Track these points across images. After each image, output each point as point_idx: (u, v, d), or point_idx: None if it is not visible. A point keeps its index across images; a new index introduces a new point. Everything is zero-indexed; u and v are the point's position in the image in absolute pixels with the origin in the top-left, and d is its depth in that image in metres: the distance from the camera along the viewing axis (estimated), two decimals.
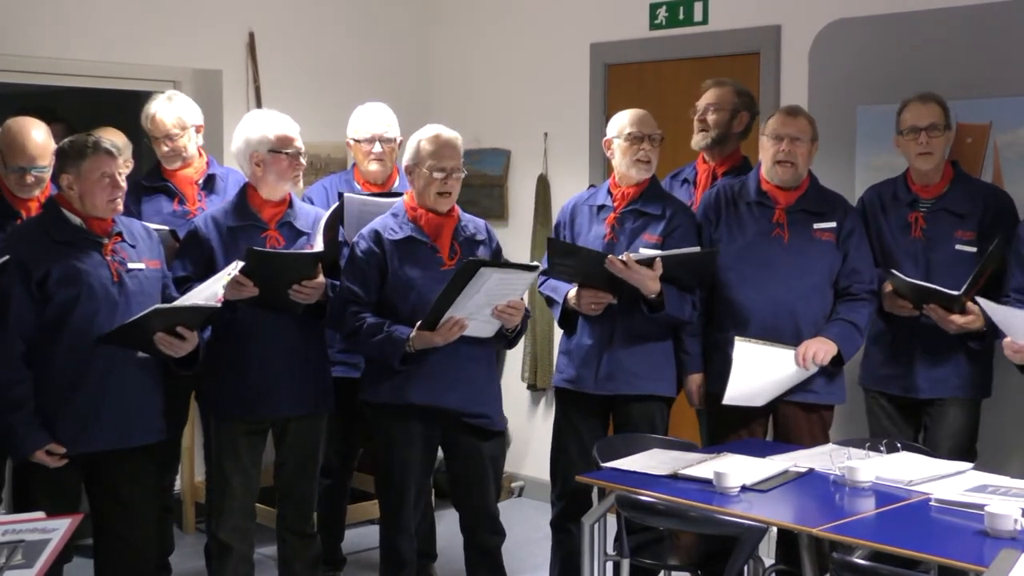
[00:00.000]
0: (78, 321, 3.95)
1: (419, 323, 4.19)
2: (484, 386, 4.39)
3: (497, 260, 4.24)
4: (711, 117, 4.95)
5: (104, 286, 3.99)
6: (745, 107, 5.00)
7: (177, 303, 4.08)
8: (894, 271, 4.43)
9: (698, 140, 4.99)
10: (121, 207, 4.08)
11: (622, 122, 4.64)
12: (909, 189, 4.61)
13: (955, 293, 4.30)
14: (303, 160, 4.42)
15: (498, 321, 4.27)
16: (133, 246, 4.11)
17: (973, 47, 5.02)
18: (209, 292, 4.10)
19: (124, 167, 4.22)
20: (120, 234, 4.09)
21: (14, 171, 4.45)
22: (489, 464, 4.46)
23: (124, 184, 4.05)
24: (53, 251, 3.96)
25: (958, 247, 4.47)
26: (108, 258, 4.02)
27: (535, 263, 4.28)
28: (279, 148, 4.36)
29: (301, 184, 4.54)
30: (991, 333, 4.37)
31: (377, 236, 4.33)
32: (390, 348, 4.22)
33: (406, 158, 4.39)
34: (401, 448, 4.37)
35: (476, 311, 4.18)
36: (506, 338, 4.41)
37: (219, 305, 4.05)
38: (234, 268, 4.12)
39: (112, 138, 4.31)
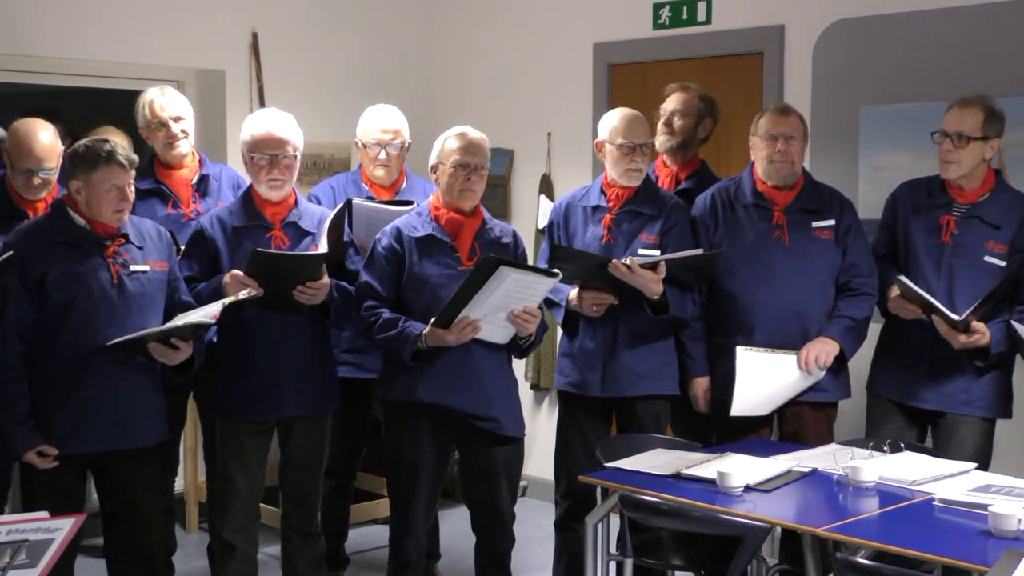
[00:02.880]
0: (75, 322, 3.95)
1: (434, 319, 4.18)
2: (494, 389, 4.34)
3: (517, 261, 4.23)
4: (677, 122, 4.94)
5: (103, 288, 3.98)
6: (708, 113, 5.00)
7: (170, 324, 4.05)
8: (901, 277, 4.34)
9: (662, 142, 4.98)
10: (126, 217, 4.06)
11: (613, 128, 4.60)
12: (945, 191, 4.44)
13: (956, 318, 4.22)
14: (286, 163, 4.33)
15: (512, 328, 4.25)
16: (140, 247, 4.10)
17: (977, 47, 5.02)
18: (208, 310, 4.08)
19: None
20: (125, 235, 4.07)
21: (21, 173, 4.45)
22: (501, 468, 4.40)
23: (131, 195, 4.03)
24: (53, 252, 3.96)
25: (987, 258, 4.32)
26: (109, 260, 4.02)
27: (555, 270, 4.24)
28: (252, 151, 4.35)
29: (286, 189, 4.40)
30: (1003, 354, 4.32)
31: (398, 233, 4.34)
32: (402, 343, 4.20)
33: (431, 157, 4.38)
34: (411, 447, 4.36)
35: (491, 313, 4.16)
36: (519, 347, 4.39)
37: (213, 322, 4.04)
38: (245, 295, 4.12)
39: (116, 139, 4.26)
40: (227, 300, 4.10)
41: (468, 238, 4.35)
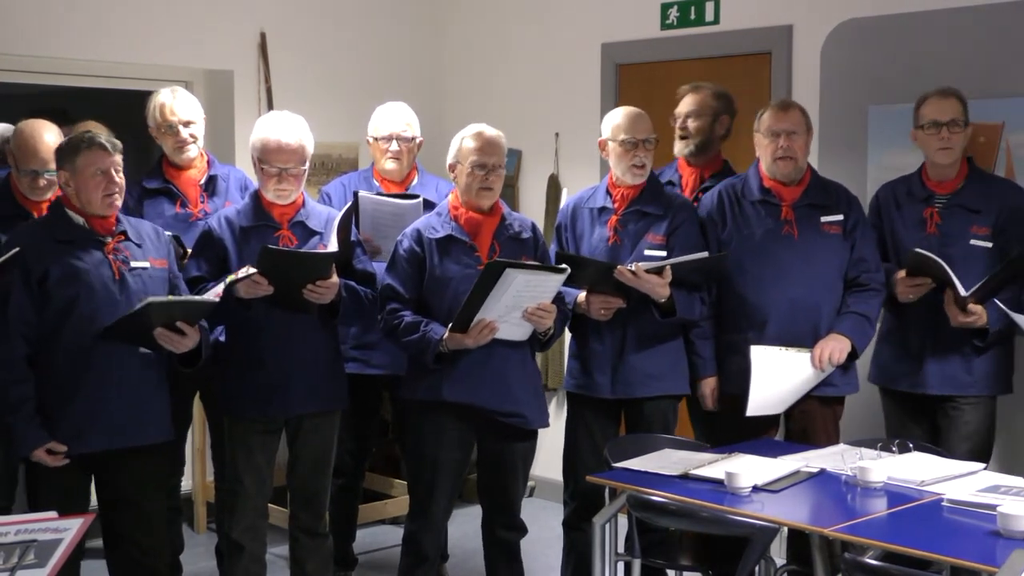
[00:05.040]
0: (78, 320, 3.94)
1: (451, 324, 4.20)
2: (518, 385, 4.37)
3: (523, 262, 4.24)
4: (692, 124, 4.91)
5: (104, 284, 3.98)
6: (725, 110, 4.96)
7: (172, 297, 4.06)
8: (917, 249, 4.37)
9: (680, 148, 4.96)
10: (119, 203, 4.05)
11: (615, 125, 4.62)
12: (924, 185, 4.58)
13: (964, 293, 4.28)
14: (295, 174, 4.33)
15: (530, 325, 4.26)
16: (139, 245, 4.11)
17: (985, 47, 5.01)
18: (213, 291, 4.11)
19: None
20: (124, 233, 4.08)
21: (27, 174, 4.46)
22: (520, 462, 4.46)
23: (120, 180, 4.02)
24: (54, 250, 3.96)
25: (973, 242, 4.45)
26: (110, 256, 4.02)
27: (563, 266, 4.26)
28: (261, 160, 4.35)
29: (292, 197, 4.39)
30: (1002, 332, 4.36)
31: (419, 235, 4.36)
32: (424, 347, 4.23)
33: (448, 157, 4.40)
34: (434, 445, 4.38)
35: (506, 314, 4.18)
36: (540, 341, 4.40)
37: (217, 300, 4.05)
38: (245, 272, 4.13)
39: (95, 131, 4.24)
40: (229, 279, 4.11)
41: (487, 237, 4.37)
